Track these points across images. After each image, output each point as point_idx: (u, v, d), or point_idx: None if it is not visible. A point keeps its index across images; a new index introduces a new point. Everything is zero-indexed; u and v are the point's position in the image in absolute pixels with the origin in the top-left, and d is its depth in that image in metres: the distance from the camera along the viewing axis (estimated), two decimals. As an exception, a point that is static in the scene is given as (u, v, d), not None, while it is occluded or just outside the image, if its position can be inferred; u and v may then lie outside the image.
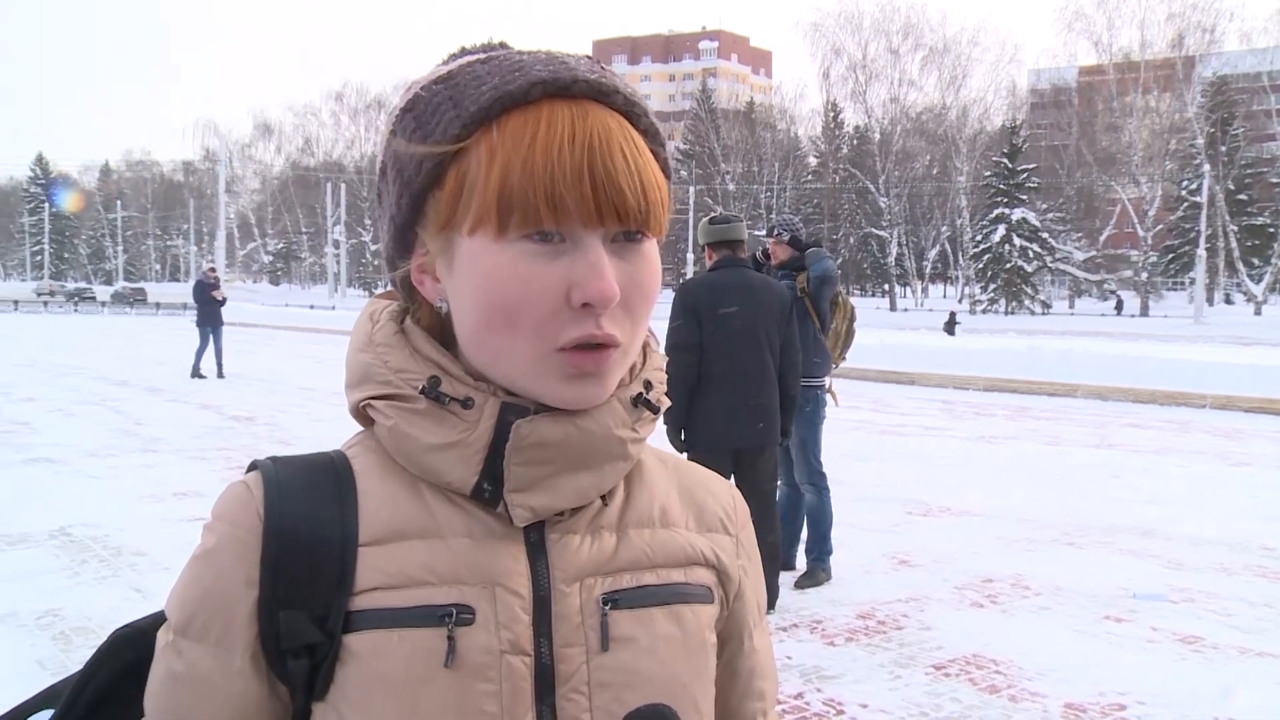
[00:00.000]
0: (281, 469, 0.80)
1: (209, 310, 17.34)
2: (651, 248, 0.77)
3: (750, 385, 5.01)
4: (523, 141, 0.72)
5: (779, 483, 5.65)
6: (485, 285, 0.73)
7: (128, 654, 0.81)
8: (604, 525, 0.81)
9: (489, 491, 0.77)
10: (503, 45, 0.82)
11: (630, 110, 0.76)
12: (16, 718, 0.84)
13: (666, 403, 0.85)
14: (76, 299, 59.34)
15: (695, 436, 5.05)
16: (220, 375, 17.13)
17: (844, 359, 6.25)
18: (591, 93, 0.74)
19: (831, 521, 5.81)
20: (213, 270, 18.67)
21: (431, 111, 0.75)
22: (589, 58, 0.79)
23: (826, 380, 5.92)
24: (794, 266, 5.81)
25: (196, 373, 17.22)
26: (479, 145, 0.73)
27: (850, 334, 6.17)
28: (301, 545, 0.76)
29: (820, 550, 5.79)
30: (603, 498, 0.81)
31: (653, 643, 0.79)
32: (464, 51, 0.82)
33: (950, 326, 33.66)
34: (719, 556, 0.86)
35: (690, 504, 0.87)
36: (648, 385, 0.83)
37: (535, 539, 0.78)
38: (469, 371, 0.78)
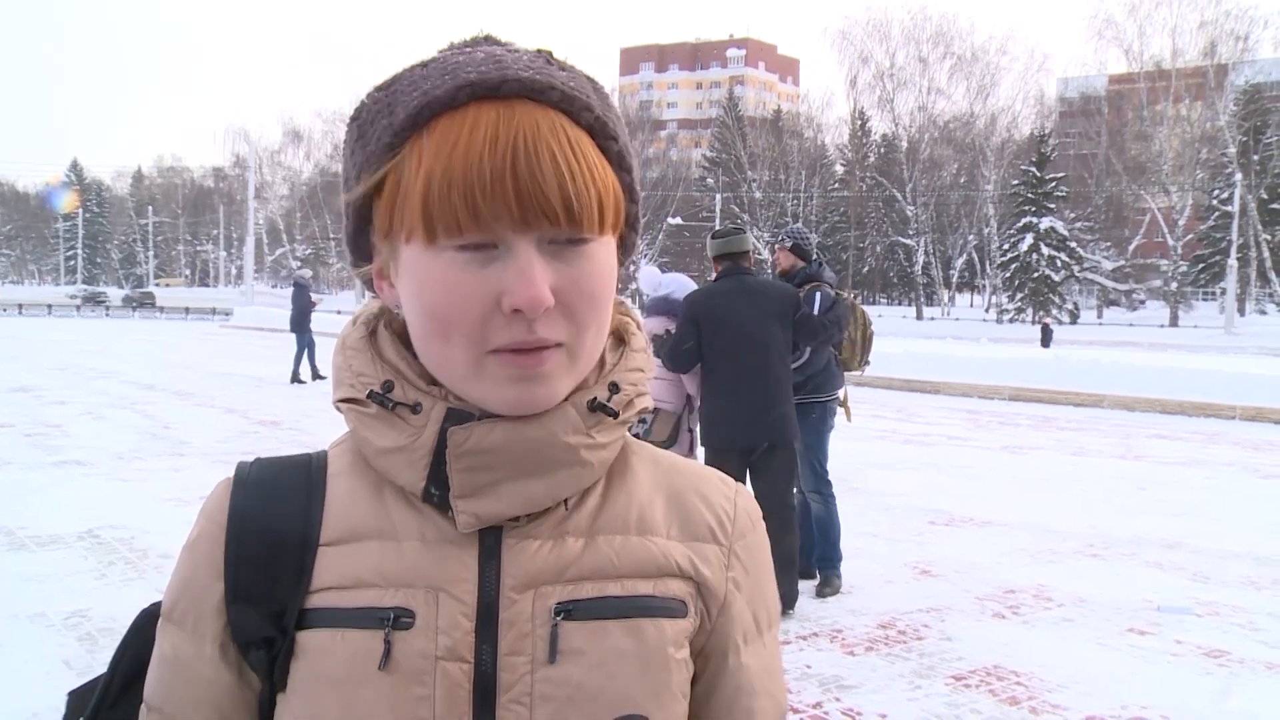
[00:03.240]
0: (255, 470, 0.83)
1: (302, 317, 17.58)
2: (598, 249, 0.75)
3: (753, 387, 5.18)
4: (445, 148, 0.71)
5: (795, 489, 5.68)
6: (419, 294, 0.73)
7: (153, 631, 0.85)
8: (570, 531, 0.79)
9: (437, 496, 0.77)
10: (488, 39, 0.81)
11: (569, 105, 0.74)
12: (91, 692, 0.87)
13: (638, 406, 0.82)
14: (105, 304, 60.00)
15: (706, 438, 5.30)
16: (296, 380, 17.23)
17: (868, 364, 6.22)
18: (524, 91, 0.72)
19: (839, 530, 5.81)
20: (313, 277, 18.96)
21: (370, 120, 0.75)
22: (538, 52, 0.77)
23: (840, 393, 5.94)
24: (799, 276, 5.84)
25: (316, 374, 17.37)
26: (411, 153, 0.73)
27: (867, 340, 6.13)
28: (261, 544, 0.79)
29: (833, 558, 5.80)
30: (566, 502, 0.79)
31: (603, 657, 0.76)
32: (450, 49, 0.80)
33: (1046, 339, 32.49)
34: (699, 568, 0.82)
35: (677, 510, 0.83)
36: (614, 388, 0.80)
37: (491, 544, 0.77)
38: (427, 375, 0.79)
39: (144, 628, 0.86)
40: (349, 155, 0.77)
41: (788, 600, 5.22)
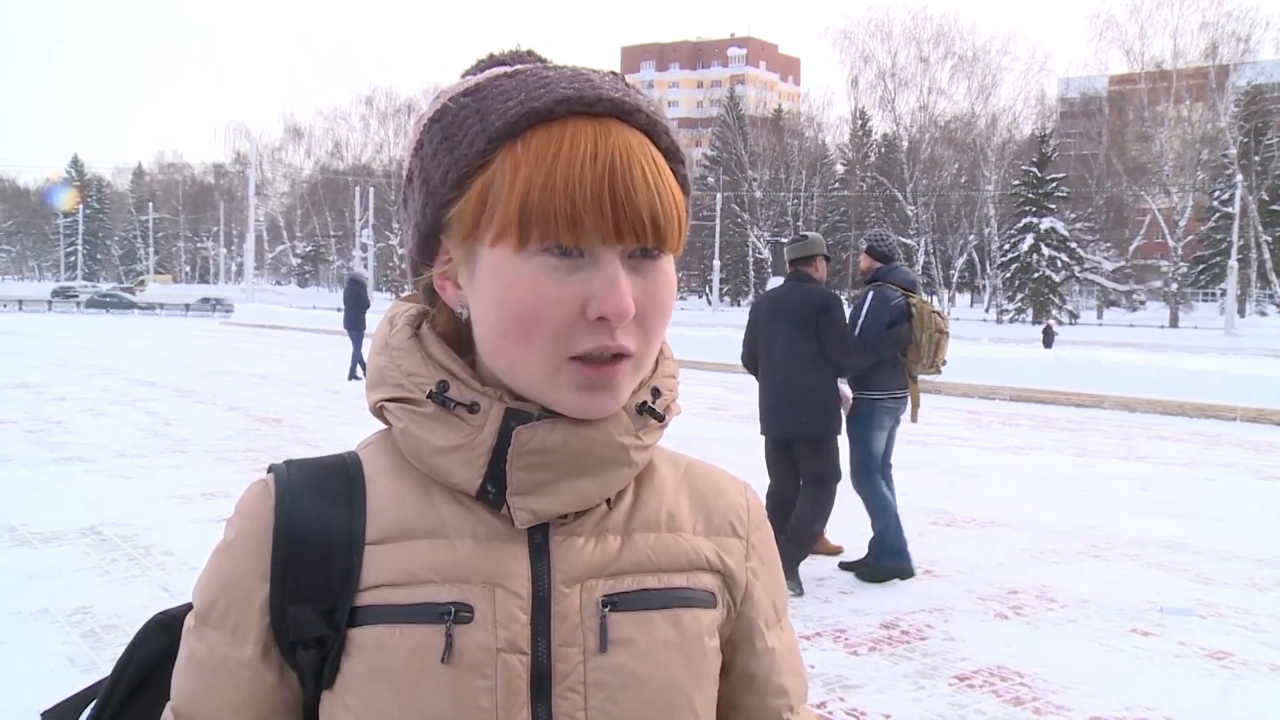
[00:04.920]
0: (294, 471, 0.83)
1: (360, 314, 17.67)
2: (668, 264, 0.79)
3: (771, 386, 5.78)
4: (546, 158, 0.73)
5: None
6: (504, 296, 0.75)
7: (161, 639, 0.86)
8: (609, 528, 0.83)
9: (493, 494, 0.79)
10: (530, 54, 0.84)
11: (652, 129, 0.78)
12: (74, 707, 0.89)
13: (675, 411, 0.86)
14: (75, 298, 59.72)
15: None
16: (354, 378, 17.22)
17: (934, 370, 6.07)
18: (615, 111, 0.76)
19: (882, 524, 5.98)
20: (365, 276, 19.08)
21: (459, 124, 0.77)
22: (614, 74, 0.81)
23: (901, 392, 6.00)
24: (875, 278, 6.05)
25: (354, 375, 17.40)
26: (504, 159, 0.75)
27: (934, 344, 5.98)
28: (309, 544, 0.79)
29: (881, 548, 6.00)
30: (608, 501, 0.83)
31: (650, 645, 0.80)
32: (492, 59, 0.83)
33: (1048, 339, 32.49)
34: (725, 561, 0.87)
35: (700, 508, 0.88)
36: (655, 393, 0.84)
37: (539, 540, 0.80)
38: (479, 376, 0.81)
39: (151, 636, 0.87)
40: (431, 156, 0.78)
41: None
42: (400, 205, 0.85)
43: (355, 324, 17.72)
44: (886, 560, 5.93)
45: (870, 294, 6.01)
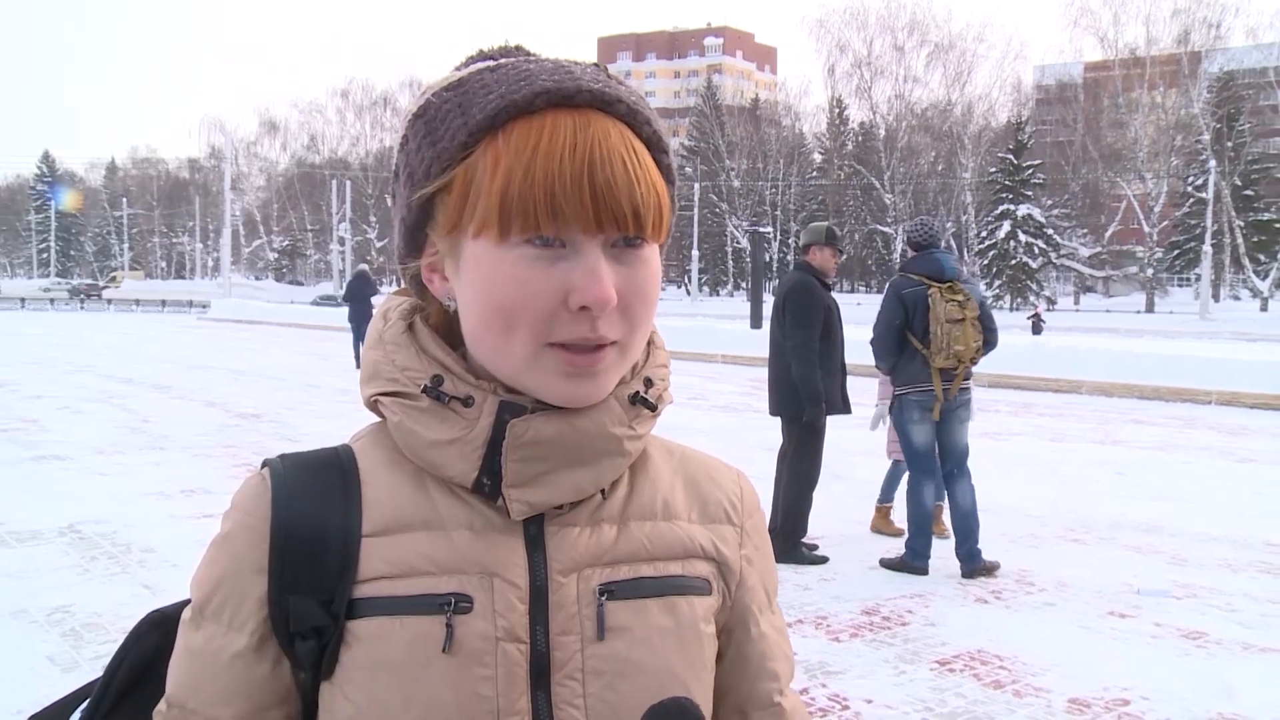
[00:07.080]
0: (289, 466, 0.84)
1: (366, 308, 17.75)
2: (651, 253, 0.80)
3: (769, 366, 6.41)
4: (525, 150, 0.74)
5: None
6: (486, 287, 0.76)
7: (155, 637, 0.86)
8: (604, 518, 0.83)
9: (488, 486, 0.80)
10: (519, 49, 0.84)
11: (633, 119, 0.79)
12: (61, 711, 0.88)
13: (668, 400, 0.87)
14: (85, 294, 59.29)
15: None
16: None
17: (951, 362, 5.83)
18: (595, 102, 0.77)
19: (922, 517, 6.05)
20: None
21: (441, 119, 0.78)
22: (596, 65, 0.81)
23: (928, 386, 5.96)
24: (903, 268, 6.09)
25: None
26: (485, 152, 0.76)
27: (946, 335, 5.77)
28: (306, 537, 0.80)
29: (915, 546, 6.07)
30: (602, 491, 0.84)
31: (646, 633, 0.81)
32: (480, 55, 0.84)
33: (1036, 328, 33.02)
34: (719, 549, 0.88)
35: (694, 495, 0.89)
36: (648, 383, 0.85)
37: (534, 531, 0.81)
38: (473, 369, 0.82)
39: (145, 634, 0.86)
40: (415, 151, 0.80)
41: None
42: (390, 200, 0.86)
43: (362, 318, 17.80)
44: (906, 557, 6.06)
45: (888, 286, 6.13)
